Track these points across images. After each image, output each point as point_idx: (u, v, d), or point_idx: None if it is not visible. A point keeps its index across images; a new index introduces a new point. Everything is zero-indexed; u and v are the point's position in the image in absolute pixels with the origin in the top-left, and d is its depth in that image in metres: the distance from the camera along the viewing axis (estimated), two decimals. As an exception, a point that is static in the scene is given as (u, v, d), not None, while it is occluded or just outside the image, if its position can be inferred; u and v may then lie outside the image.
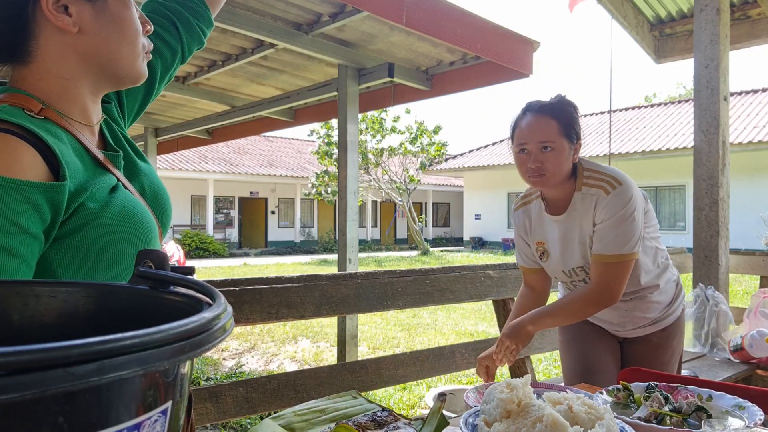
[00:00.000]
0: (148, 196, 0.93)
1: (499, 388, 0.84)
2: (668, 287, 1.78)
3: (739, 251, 3.45)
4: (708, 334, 2.78)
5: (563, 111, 1.60)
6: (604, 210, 1.58)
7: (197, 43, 1.14)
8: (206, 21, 1.13)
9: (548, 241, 1.73)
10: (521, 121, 1.63)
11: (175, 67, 1.11)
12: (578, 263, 1.68)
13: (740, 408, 1.01)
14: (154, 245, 0.86)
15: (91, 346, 0.27)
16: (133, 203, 0.85)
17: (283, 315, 1.83)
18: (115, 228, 0.80)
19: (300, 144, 26.14)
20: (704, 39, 2.92)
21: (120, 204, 0.82)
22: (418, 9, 3.22)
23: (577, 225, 1.64)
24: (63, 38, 0.82)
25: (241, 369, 4.68)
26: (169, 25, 1.07)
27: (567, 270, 1.73)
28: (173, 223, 18.32)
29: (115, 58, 0.86)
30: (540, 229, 1.75)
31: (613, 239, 1.57)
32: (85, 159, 0.82)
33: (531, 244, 1.79)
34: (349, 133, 4.37)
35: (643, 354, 1.80)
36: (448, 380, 4.20)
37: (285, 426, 1.03)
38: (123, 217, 0.81)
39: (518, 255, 1.88)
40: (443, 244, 25.63)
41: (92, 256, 0.79)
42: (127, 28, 0.86)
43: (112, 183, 0.84)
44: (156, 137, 7.37)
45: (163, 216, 0.95)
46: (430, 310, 7.50)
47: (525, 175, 1.62)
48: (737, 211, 11.37)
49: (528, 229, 1.79)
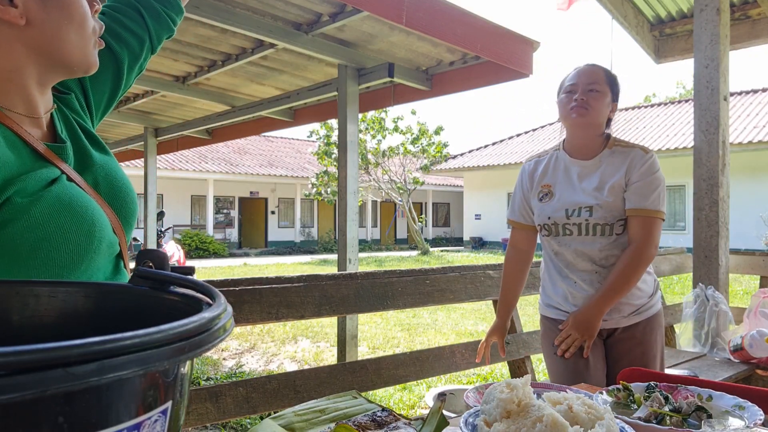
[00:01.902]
0: (102, 189, 0.89)
1: (499, 388, 0.84)
2: (648, 277, 1.81)
3: (739, 251, 3.45)
4: (708, 334, 2.78)
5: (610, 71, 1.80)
6: (644, 166, 1.71)
7: (166, 30, 1.10)
8: (175, 8, 1.10)
9: (556, 183, 1.80)
10: (570, 73, 1.79)
11: (145, 56, 1.07)
12: (587, 202, 1.72)
13: (740, 408, 1.01)
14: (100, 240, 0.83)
15: (91, 346, 0.27)
16: (73, 196, 0.80)
17: (283, 315, 1.83)
18: (46, 222, 0.76)
19: (300, 144, 26.14)
20: (704, 39, 2.92)
21: (55, 197, 0.78)
22: (418, 9, 3.22)
23: (600, 171, 1.74)
24: (9, 31, 0.78)
25: (241, 369, 4.68)
26: (134, 13, 1.04)
27: (571, 209, 1.74)
28: (173, 223, 18.34)
29: (66, 47, 0.82)
30: (552, 173, 1.82)
31: (657, 197, 1.70)
32: (21, 152, 0.79)
33: (533, 189, 1.84)
34: (349, 133, 4.37)
35: (629, 350, 1.78)
36: (448, 380, 4.20)
37: (285, 426, 1.03)
38: (58, 210, 0.77)
39: (512, 210, 1.94)
40: (443, 244, 25.62)
41: (24, 253, 0.75)
42: (76, 12, 0.82)
43: (53, 175, 0.80)
44: (156, 137, 7.37)
45: (124, 209, 0.91)
46: (430, 310, 7.50)
47: (568, 111, 1.73)
48: (737, 211, 11.37)
49: (534, 175, 1.86)
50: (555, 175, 1.82)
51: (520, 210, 1.91)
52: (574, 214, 1.74)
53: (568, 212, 1.74)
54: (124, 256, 0.92)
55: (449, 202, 28.27)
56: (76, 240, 0.79)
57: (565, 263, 1.80)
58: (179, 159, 19.00)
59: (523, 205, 1.89)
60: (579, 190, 1.75)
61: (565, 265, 1.80)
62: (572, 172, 1.79)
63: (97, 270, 0.85)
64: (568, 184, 1.78)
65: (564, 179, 1.79)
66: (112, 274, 0.89)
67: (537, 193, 1.83)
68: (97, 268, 0.85)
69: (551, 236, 1.80)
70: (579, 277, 1.77)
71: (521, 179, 1.91)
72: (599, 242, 1.73)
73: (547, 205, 1.79)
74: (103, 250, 0.85)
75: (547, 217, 1.79)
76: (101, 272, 0.86)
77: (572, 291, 1.78)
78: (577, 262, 1.77)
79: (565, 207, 1.75)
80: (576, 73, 1.77)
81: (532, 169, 1.88)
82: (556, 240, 1.79)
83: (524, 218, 1.90)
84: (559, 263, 1.81)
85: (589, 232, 1.73)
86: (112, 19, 1.02)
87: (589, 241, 1.74)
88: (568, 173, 1.79)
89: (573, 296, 1.79)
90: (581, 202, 1.73)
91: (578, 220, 1.73)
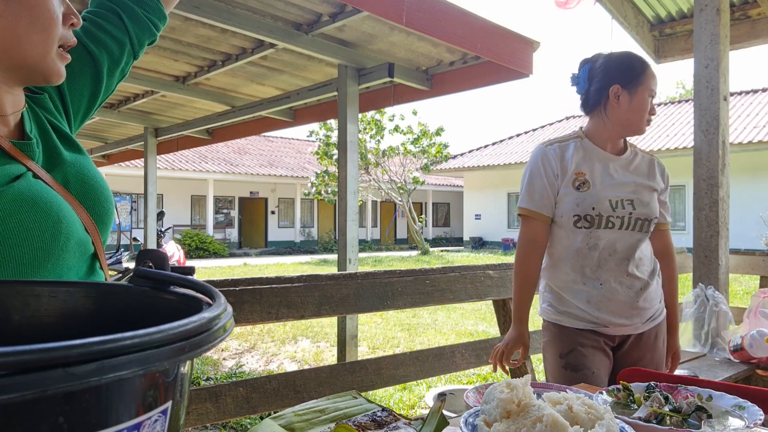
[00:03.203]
0: (73, 187, 0.88)
1: (499, 388, 0.84)
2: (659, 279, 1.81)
3: (739, 251, 3.45)
4: (708, 334, 2.78)
5: None
6: (666, 178, 1.80)
7: (148, 35, 1.09)
8: (157, 13, 1.09)
9: (593, 173, 1.68)
10: (649, 69, 1.70)
11: (127, 61, 1.06)
12: (629, 196, 1.68)
13: (740, 408, 1.01)
14: (68, 237, 0.82)
15: (91, 346, 0.27)
16: (37, 192, 0.79)
17: (283, 315, 1.83)
18: (6, 218, 0.74)
19: (300, 144, 26.14)
20: (704, 39, 2.92)
21: (17, 193, 0.76)
22: (418, 9, 3.22)
23: (632, 170, 1.73)
24: None
25: (241, 369, 4.68)
26: (113, 16, 1.03)
27: (614, 200, 1.66)
28: (173, 223, 18.34)
29: (23, 46, 0.80)
30: (585, 162, 1.70)
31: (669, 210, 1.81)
32: None
33: (566, 175, 1.67)
34: (349, 133, 4.37)
35: (642, 356, 1.74)
36: (448, 380, 4.20)
37: (285, 426, 1.03)
38: (20, 206, 0.76)
39: (532, 198, 1.71)
40: (443, 244, 25.62)
41: None
42: (39, 14, 0.80)
43: (17, 172, 0.79)
44: (156, 137, 7.37)
45: (97, 207, 0.90)
46: (430, 310, 7.50)
47: (644, 119, 1.70)
48: (737, 211, 11.36)
49: (561, 162, 1.69)
50: (589, 164, 1.69)
51: (544, 198, 1.69)
52: (618, 206, 1.66)
53: (612, 203, 1.65)
54: (99, 256, 0.90)
55: (449, 202, 28.27)
56: (40, 237, 0.77)
57: (597, 261, 1.66)
58: (179, 159, 19.00)
59: (548, 192, 1.69)
60: (619, 183, 1.68)
61: (597, 263, 1.66)
62: (608, 164, 1.71)
63: (67, 269, 0.83)
64: (607, 176, 1.68)
65: (602, 170, 1.69)
66: (87, 274, 0.88)
67: (572, 180, 1.67)
68: (67, 267, 0.83)
69: (592, 228, 1.65)
70: (612, 276, 1.66)
71: (546, 164, 1.70)
72: (637, 238, 1.69)
73: (587, 194, 1.65)
74: (71, 249, 0.83)
75: (591, 207, 1.64)
76: (73, 272, 0.84)
77: (599, 293, 1.66)
78: (611, 259, 1.66)
79: (609, 198, 1.65)
80: (653, 76, 1.69)
81: (559, 154, 1.70)
82: (595, 233, 1.66)
83: (547, 208, 1.70)
84: (589, 261, 1.67)
85: (630, 226, 1.67)
86: (90, 23, 1.01)
87: (628, 236, 1.67)
88: (605, 165, 1.70)
89: (599, 299, 1.67)
90: (623, 195, 1.67)
91: (623, 212, 1.66)
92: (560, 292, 1.72)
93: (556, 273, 1.73)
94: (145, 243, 7.68)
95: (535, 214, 1.70)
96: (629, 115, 1.69)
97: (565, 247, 1.70)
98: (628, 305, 1.68)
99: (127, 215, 17.07)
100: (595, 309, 1.67)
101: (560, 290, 1.72)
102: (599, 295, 1.66)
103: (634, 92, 1.67)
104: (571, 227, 1.67)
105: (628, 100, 1.68)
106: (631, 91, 1.67)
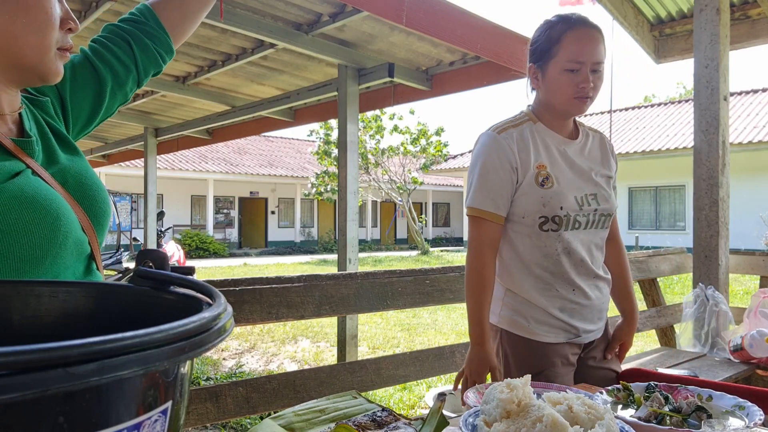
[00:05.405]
0: (70, 187, 0.88)
1: (499, 388, 0.84)
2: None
3: (739, 251, 3.45)
4: (708, 334, 2.78)
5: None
6: (615, 156, 1.58)
7: (154, 65, 1.13)
8: (164, 46, 1.13)
9: (553, 164, 1.46)
10: (571, 34, 1.40)
11: (131, 86, 1.10)
12: (591, 190, 1.49)
13: (740, 408, 1.01)
14: (66, 235, 0.82)
15: (91, 346, 0.27)
16: (37, 189, 0.79)
17: (283, 315, 1.83)
18: (6, 214, 0.75)
19: (300, 144, 26.14)
20: (704, 39, 2.92)
21: (17, 189, 0.77)
22: (418, 9, 3.22)
23: (586, 155, 1.53)
24: None
25: (241, 369, 4.68)
26: (123, 43, 1.07)
27: (580, 196, 1.46)
28: (173, 223, 18.34)
29: (20, 47, 0.81)
30: (542, 151, 1.47)
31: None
32: None
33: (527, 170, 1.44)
34: (349, 133, 4.37)
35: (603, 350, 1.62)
36: (448, 380, 4.19)
37: (285, 426, 1.03)
38: (20, 202, 0.76)
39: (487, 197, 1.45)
40: (443, 244, 25.61)
41: None
42: (36, 15, 0.81)
43: (16, 169, 0.80)
44: (156, 137, 7.38)
45: (94, 208, 0.90)
46: (430, 310, 7.50)
47: (571, 95, 1.41)
48: (737, 211, 11.36)
49: (520, 153, 1.45)
50: (548, 153, 1.47)
51: (502, 197, 1.45)
52: (584, 202, 1.46)
53: (578, 200, 1.45)
54: (95, 257, 0.90)
55: (449, 202, 28.26)
56: (39, 233, 0.78)
57: (566, 265, 1.46)
58: (179, 159, 19.01)
59: (505, 190, 1.45)
60: (579, 174, 1.48)
61: (566, 267, 1.46)
62: (566, 151, 1.50)
63: (65, 268, 0.83)
64: (567, 166, 1.47)
65: (561, 160, 1.47)
66: (83, 274, 0.88)
67: (534, 175, 1.44)
68: (64, 266, 0.83)
69: (559, 231, 1.44)
70: (582, 280, 1.49)
71: (503, 155, 1.44)
72: (600, 236, 1.53)
73: (551, 191, 1.43)
74: (69, 247, 0.83)
75: (559, 206, 1.42)
76: (70, 271, 0.85)
77: (572, 299, 1.48)
78: (580, 263, 1.48)
79: (574, 194, 1.45)
80: (584, 42, 1.39)
81: (517, 143, 1.45)
82: (563, 236, 1.45)
83: (504, 208, 1.47)
84: (558, 266, 1.46)
85: (595, 224, 1.49)
86: (100, 44, 1.05)
87: (593, 235, 1.50)
88: (563, 153, 1.49)
89: (572, 306, 1.49)
90: (587, 190, 1.47)
91: (588, 209, 1.46)
92: (530, 300, 1.49)
93: (520, 279, 1.50)
94: (145, 243, 7.68)
95: (492, 216, 1.45)
96: (549, 97, 1.47)
97: (528, 251, 1.48)
98: (597, 309, 1.54)
99: (127, 215, 17.06)
100: (568, 317, 1.48)
101: (530, 298, 1.49)
102: (572, 301, 1.48)
103: (545, 69, 1.45)
104: (536, 230, 1.45)
105: (542, 79, 1.47)
106: (543, 67, 1.46)
